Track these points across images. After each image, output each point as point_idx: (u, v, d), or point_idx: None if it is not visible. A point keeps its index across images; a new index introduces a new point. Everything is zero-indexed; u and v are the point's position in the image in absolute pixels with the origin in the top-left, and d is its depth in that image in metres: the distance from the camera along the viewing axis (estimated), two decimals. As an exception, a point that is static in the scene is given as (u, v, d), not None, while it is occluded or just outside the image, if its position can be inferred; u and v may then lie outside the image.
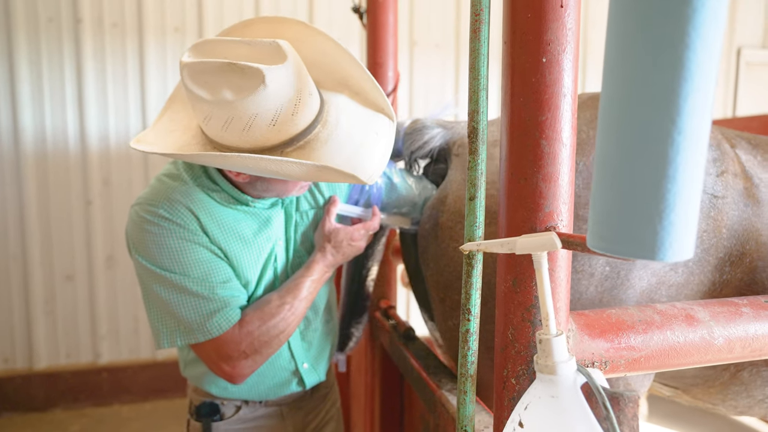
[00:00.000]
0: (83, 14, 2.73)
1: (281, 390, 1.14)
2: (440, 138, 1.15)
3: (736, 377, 1.03)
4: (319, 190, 1.12)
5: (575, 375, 0.55)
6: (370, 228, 1.11)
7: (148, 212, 0.95)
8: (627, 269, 0.88)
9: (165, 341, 0.97)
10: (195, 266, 0.95)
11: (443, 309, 1.05)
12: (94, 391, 2.92)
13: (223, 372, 0.98)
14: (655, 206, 0.44)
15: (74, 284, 2.87)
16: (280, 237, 1.08)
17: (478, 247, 0.62)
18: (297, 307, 1.02)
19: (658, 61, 0.41)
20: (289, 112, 0.82)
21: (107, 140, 2.82)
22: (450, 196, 1.06)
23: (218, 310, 0.96)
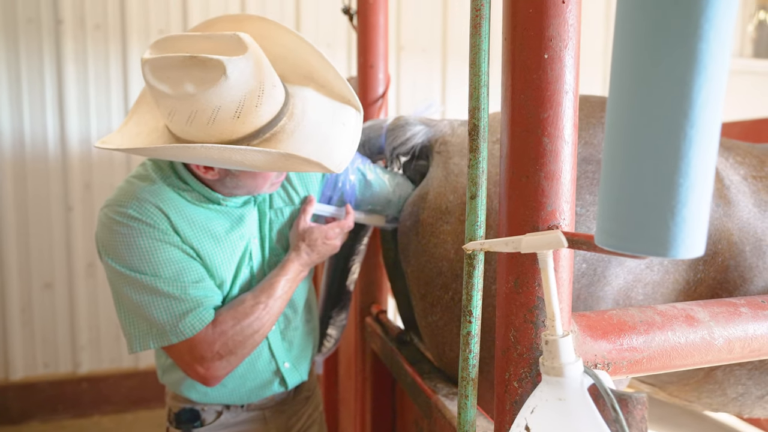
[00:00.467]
0: (64, 15, 2.67)
1: (263, 391, 1.12)
2: (422, 135, 1.15)
3: (710, 376, 1.05)
4: (292, 187, 1.11)
5: (582, 377, 0.54)
6: (344, 227, 1.10)
7: (117, 213, 0.94)
8: (603, 266, 0.89)
9: (137, 345, 0.94)
10: (166, 266, 0.94)
11: (424, 305, 1.05)
12: (74, 402, 2.84)
13: (197, 374, 0.96)
14: (667, 202, 0.43)
15: (53, 292, 2.79)
16: (254, 235, 1.07)
17: (482, 246, 0.60)
18: (272, 307, 1.00)
19: (671, 53, 0.40)
20: (253, 103, 0.82)
21: (89, 144, 2.76)
22: (431, 192, 1.06)
23: (191, 310, 0.94)
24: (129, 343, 0.96)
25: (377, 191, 1.16)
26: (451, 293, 0.99)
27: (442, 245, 1.00)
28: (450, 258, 0.99)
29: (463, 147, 1.08)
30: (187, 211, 0.98)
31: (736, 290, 0.94)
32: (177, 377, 1.09)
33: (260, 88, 0.82)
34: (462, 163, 1.05)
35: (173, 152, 0.84)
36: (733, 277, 0.94)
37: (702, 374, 1.04)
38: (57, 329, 2.81)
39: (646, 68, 0.42)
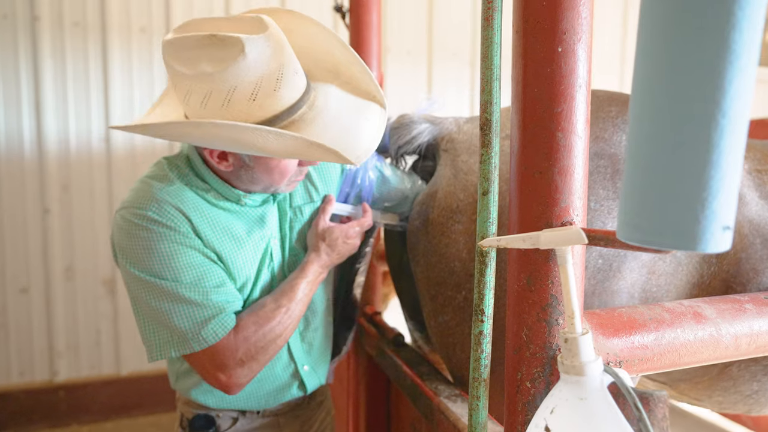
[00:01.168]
0: (41, 12, 2.59)
1: (281, 395, 1.09)
2: (428, 134, 1.13)
3: (724, 372, 1.05)
4: (312, 184, 1.08)
5: (602, 375, 0.53)
6: (364, 225, 1.08)
7: (136, 216, 0.90)
8: (620, 261, 0.89)
9: (157, 353, 0.91)
10: (187, 271, 0.90)
11: (434, 306, 1.03)
12: (50, 412, 2.74)
13: (218, 382, 0.93)
14: (697, 194, 0.42)
15: (29, 297, 2.69)
16: (274, 235, 1.04)
17: (498, 243, 0.59)
18: (293, 310, 0.98)
19: (703, 41, 0.40)
20: (271, 87, 0.80)
21: (67, 144, 2.68)
22: (440, 191, 1.05)
23: (213, 316, 0.91)
24: (149, 352, 0.92)
25: (394, 188, 1.14)
26: (464, 293, 0.98)
27: (454, 245, 0.99)
28: (462, 258, 0.97)
29: (470, 144, 1.06)
30: (208, 212, 0.95)
31: (750, 283, 0.95)
32: (192, 381, 1.05)
33: (279, 71, 0.79)
34: (471, 160, 1.04)
35: (181, 129, 0.80)
36: (746, 269, 0.95)
37: (716, 371, 1.04)
38: (33, 336, 2.72)
39: (677, 58, 0.41)
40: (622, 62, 3.65)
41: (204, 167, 0.95)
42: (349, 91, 0.92)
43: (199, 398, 1.06)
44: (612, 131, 0.94)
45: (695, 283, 0.94)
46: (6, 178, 2.61)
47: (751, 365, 1.02)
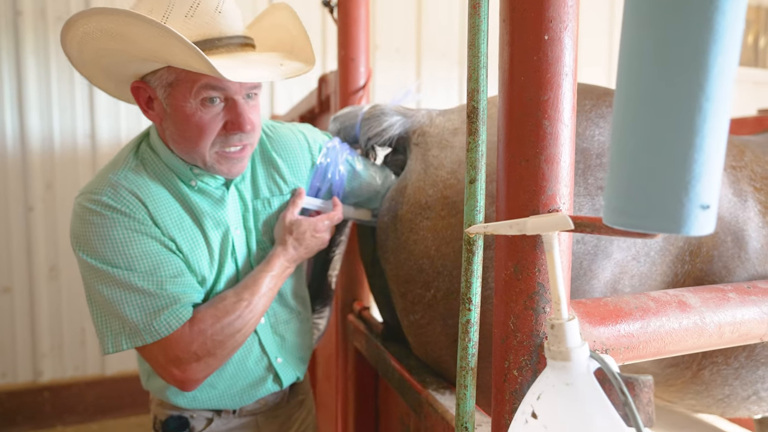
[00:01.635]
0: (23, 6, 2.55)
1: (257, 391, 1.06)
2: (399, 126, 1.11)
3: (697, 376, 1.03)
4: (281, 176, 1.06)
5: (588, 361, 0.53)
6: (333, 219, 1.06)
7: (91, 201, 0.89)
8: (589, 259, 0.88)
9: (110, 345, 0.88)
10: (142, 259, 0.88)
11: (404, 304, 1.02)
12: (34, 413, 2.69)
13: (172, 377, 0.90)
14: (681, 177, 0.42)
15: (12, 297, 2.65)
16: (236, 225, 1.01)
17: (485, 229, 0.59)
18: (255, 304, 0.95)
19: (687, 24, 0.40)
20: (212, 6, 0.83)
21: (51, 141, 2.64)
22: (409, 187, 1.02)
23: (167, 307, 0.88)
24: (102, 344, 0.89)
25: (366, 182, 1.12)
26: (433, 291, 0.96)
27: (422, 241, 0.97)
28: (430, 255, 0.95)
29: (442, 139, 1.04)
30: (164, 198, 0.93)
31: (722, 282, 0.95)
32: (163, 382, 1.02)
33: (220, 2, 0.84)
34: (441, 155, 1.02)
35: (100, 15, 0.79)
36: (718, 268, 0.94)
37: (689, 374, 1.03)
38: (16, 336, 2.67)
39: (660, 41, 0.41)
40: (610, 56, 3.68)
41: (157, 137, 0.95)
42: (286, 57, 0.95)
43: (171, 398, 1.03)
44: (585, 125, 0.93)
45: (669, 283, 0.94)
46: (-12, 175, 2.57)
47: (723, 369, 1.01)
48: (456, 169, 0.97)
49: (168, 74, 0.87)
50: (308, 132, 1.13)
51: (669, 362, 1.01)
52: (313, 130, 1.15)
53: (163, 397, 1.04)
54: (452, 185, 0.96)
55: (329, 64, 3.04)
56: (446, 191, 0.96)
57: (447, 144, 1.03)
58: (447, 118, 1.08)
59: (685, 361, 1.00)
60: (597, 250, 0.88)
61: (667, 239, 0.92)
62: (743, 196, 0.97)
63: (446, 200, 0.95)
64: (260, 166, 1.05)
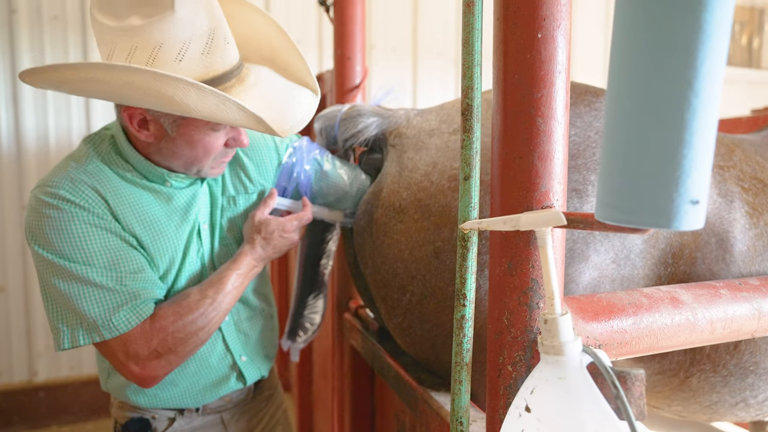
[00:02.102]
0: (18, 5, 2.54)
1: (219, 389, 1.05)
2: (375, 127, 1.10)
3: (685, 383, 1.02)
4: (246, 175, 1.05)
5: (581, 355, 0.53)
6: (302, 219, 1.05)
7: (48, 194, 0.86)
8: (567, 262, 0.86)
9: (66, 340, 0.86)
10: (100, 254, 0.86)
11: (386, 308, 1.01)
12: (30, 413, 2.69)
13: (131, 373, 0.88)
14: (671, 173, 0.43)
15: (7, 296, 2.64)
16: (204, 220, 1.00)
17: (479, 225, 0.59)
18: (220, 302, 0.93)
19: (675, 21, 0.41)
20: (198, 50, 0.77)
21: (46, 140, 2.63)
22: (385, 189, 1.01)
23: (126, 302, 0.86)
24: (56, 340, 0.87)
25: (333, 182, 1.11)
26: (408, 296, 0.95)
27: (396, 245, 0.95)
28: (404, 258, 0.94)
29: (418, 140, 1.03)
30: (128, 193, 0.91)
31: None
32: (123, 380, 1.00)
33: (210, 36, 0.78)
34: (416, 157, 1.00)
35: (94, 73, 0.74)
36: (702, 270, 0.92)
37: (677, 381, 1.02)
38: (11, 336, 2.66)
39: (650, 38, 0.42)
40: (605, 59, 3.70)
41: (128, 145, 0.91)
42: (284, 77, 0.92)
43: (131, 398, 1.00)
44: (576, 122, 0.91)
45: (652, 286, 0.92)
46: (-17, 174, 2.56)
47: (711, 376, 1.00)
48: (430, 171, 0.96)
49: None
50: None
51: (656, 369, 1.00)
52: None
53: (123, 398, 1.02)
54: (425, 188, 0.94)
55: (326, 63, 3.04)
56: (419, 194, 0.95)
57: (423, 146, 1.01)
58: (424, 119, 1.07)
59: (673, 369, 0.99)
60: (572, 253, 0.86)
61: (647, 242, 0.90)
62: (729, 196, 0.94)
63: (419, 203, 0.94)
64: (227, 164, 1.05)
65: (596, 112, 0.94)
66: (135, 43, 0.74)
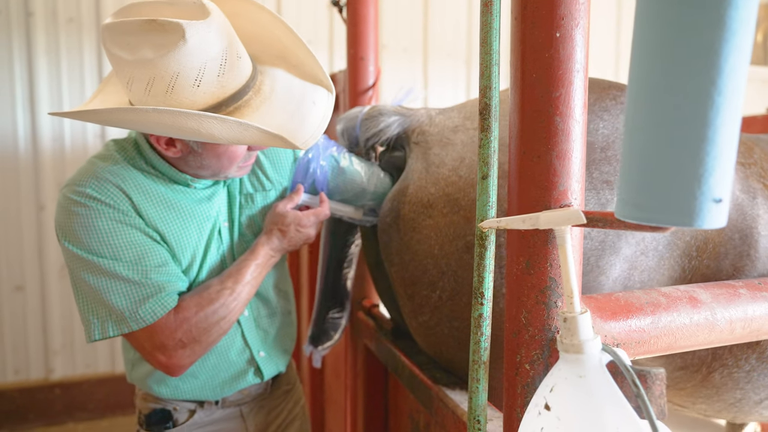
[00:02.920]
0: (35, 8, 2.58)
1: (237, 383, 1.08)
2: (397, 126, 1.11)
3: (708, 379, 1.02)
4: (263, 172, 1.07)
5: (601, 354, 0.53)
6: (320, 215, 1.06)
7: (75, 192, 0.90)
8: (597, 256, 0.87)
9: (96, 332, 0.90)
10: (127, 249, 0.90)
11: (412, 306, 1.01)
12: (46, 410, 2.73)
13: (158, 363, 0.93)
14: (693, 171, 0.42)
15: (24, 295, 2.68)
16: (223, 217, 1.03)
17: (498, 224, 0.59)
18: (239, 292, 0.97)
19: (699, 19, 0.40)
20: (215, 72, 0.80)
21: (62, 140, 2.67)
22: (411, 186, 1.02)
23: (152, 295, 0.90)
24: (87, 331, 0.91)
25: (350, 179, 1.12)
26: (438, 292, 0.95)
27: (426, 241, 0.96)
28: (434, 254, 0.94)
29: (443, 137, 1.04)
30: (151, 190, 0.95)
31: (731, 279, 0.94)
32: (145, 371, 1.04)
33: (223, 57, 0.80)
34: (443, 153, 1.01)
35: (123, 116, 0.79)
36: (726, 265, 0.93)
37: (699, 378, 1.01)
38: (28, 334, 2.70)
39: (673, 35, 0.42)
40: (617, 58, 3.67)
41: (152, 152, 0.95)
42: (297, 75, 0.93)
43: (153, 389, 1.04)
44: (589, 118, 0.92)
45: (676, 278, 0.93)
46: (0, 174, 2.60)
47: (734, 372, 1.00)
48: (457, 166, 0.97)
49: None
50: None
51: (678, 365, 1.00)
52: None
53: (145, 388, 1.05)
54: (454, 182, 0.95)
55: (337, 63, 3.05)
56: (448, 189, 0.96)
57: (448, 142, 1.02)
58: (447, 117, 1.08)
59: (695, 364, 0.99)
60: (604, 245, 0.87)
61: (674, 233, 0.91)
62: (752, 193, 0.95)
63: (448, 198, 0.95)
64: None
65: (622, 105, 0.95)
66: (152, 74, 0.76)
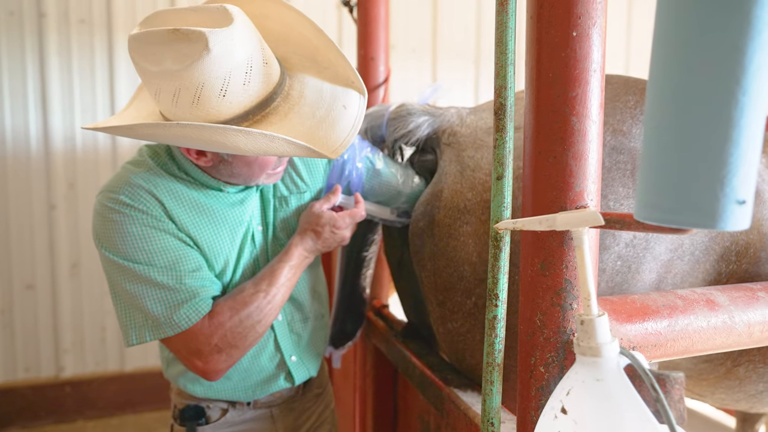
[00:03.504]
0: (47, 9, 2.60)
1: (269, 386, 1.08)
2: (428, 126, 1.07)
3: (732, 372, 1.01)
4: (298, 174, 1.06)
5: (618, 357, 0.53)
6: (356, 216, 1.05)
7: (110, 200, 0.91)
8: (638, 262, 0.85)
9: (134, 337, 0.91)
10: (161, 254, 0.90)
11: (442, 312, 0.98)
12: (56, 408, 2.75)
13: (195, 368, 0.92)
14: (716, 172, 0.42)
15: (35, 293, 2.70)
16: (257, 221, 1.03)
17: (514, 225, 0.59)
18: (274, 295, 0.95)
19: (725, 18, 0.40)
20: (240, 81, 0.78)
21: (73, 141, 2.69)
22: (446, 190, 0.99)
23: (186, 301, 0.90)
24: (125, 336, 0.92)
25: (386, 181, 1.11)
26: (474, 299, 0.93)
27: (463, 248, 0.93)
28: (472, 261, 0.92)
29: (476, 138, 1.00)
30: (184, 195, 0.94)
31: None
32: (179, 369, 1.05)
33: (248, 64, 0.78)
34: (477, 155, 0.98)
35: (149, 131, 0.80)
36: (766, 271, 0.91)
37: (724, 370, 1.01)
38: (39, 332, 2.73)
39: (697, 34, 0.41)
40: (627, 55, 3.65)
41: (184, 158, 0.95)
42: (327, 78, 0.90)
43: (187, 387, 1.05)
44: (630, 123, 0.89)
45: (712, 282, 0.91)
46: (12, 174, 2.63)
47: (760, 367, 0.99)
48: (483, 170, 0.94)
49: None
50: None
51: (703, 357, 0.99)
52: None
53: (180, 385, 1.06)
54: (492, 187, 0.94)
55: (345, 64, 3.05)
56: (486, 194, 0.93)
57: (482, 144, 0.99)
58: (479, 117, 1.05)
59: (720, 357, 0.99)
60: (645, 252, 0.85)
61: (713, 238, 0.89)
62: None
63: (486, 204, 0.92)
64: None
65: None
66: (178, 85, 0.76)
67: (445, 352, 1.04)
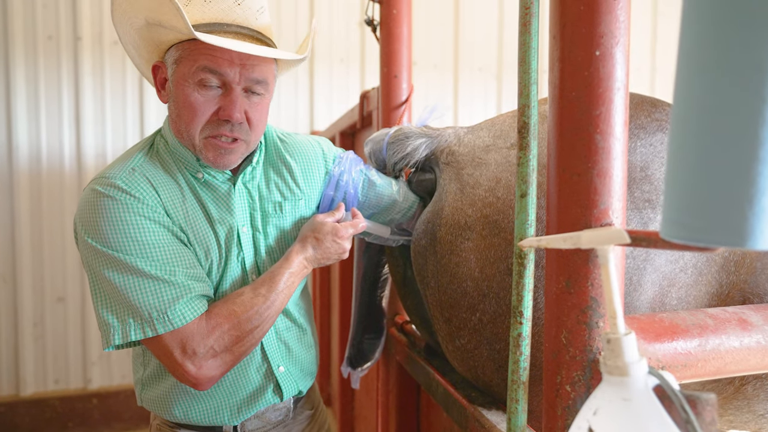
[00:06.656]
0: (83, 32, 2.72)
1: (256, 401, 1.01)
2: (425, 148, 1.09)
3: (739, 391, 0.98)
4: (294, 180, 1.05)
5: (647, 377, 0.52)
6: (357, 227, 1.04)
7: (104, 185, 0.86)
8: (639, 275, 0.85)
9: (116, 337, 0.82)
10: (154, 246, 0.85)
11: (449, 329, 0.98)
12: (84, 419, 2.80)
13: (186, 373, 0.85)
14: (745, 190, 0.41)
15: (65, 306, 2.78)
16: (243, 222, 0.99)
17: (539, 243, 0.59)
18: (273, 301, 0.92)
19: (750, 35, 0.40)
20: None
21: (104, 158, 2.78)
22: (446, 207, 1.00)
23: (180, 296, 0.84)
24: (105, 337, 0.83)
25: (380, 191, 1.10)
26: (479, 314, 0.93)
27: (465, 264, 0.94)
28: (475, 277, 0.92)
29: (474, 156, 1.02)
30: (174, 191, 0.93)
31: (767, 295, 0.91)
32: (157, 392, 0.97)
33: None
34: (476, 173, 0.99)
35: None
36: (762, 280, 0.90)
37: (732, 390, 0.98)
38: (68, 344, 2.80)
39: (722, 51, 0.41)
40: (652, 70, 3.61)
41: (168, 128, 0.97)
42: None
43: (165, 412, 0.97)
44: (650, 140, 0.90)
45: (714, 294, 0.90)
46: (46, 191, 2.72)
47: (767, 384, 0.96)
48: (494, 186, 0.95)
49: (175, 52, 0.90)
50: (323, 142, 1.14)
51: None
52: (329, 142, 1.15)
53: (159, 411, 0.99)
54: (491, 203, 0.93)
55: (368, 80, 3.10)
56: (485, 210, 0.94)
57: (481, 162, 1.00)
58: (476, 136, 1.06)
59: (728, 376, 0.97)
60: (646, 264, 0.85)
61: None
62: None
63: (487, 219, 0.93)
64: (273, 169, 1.05)
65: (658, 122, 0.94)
66: None
67: (459, 370, 1.04)
